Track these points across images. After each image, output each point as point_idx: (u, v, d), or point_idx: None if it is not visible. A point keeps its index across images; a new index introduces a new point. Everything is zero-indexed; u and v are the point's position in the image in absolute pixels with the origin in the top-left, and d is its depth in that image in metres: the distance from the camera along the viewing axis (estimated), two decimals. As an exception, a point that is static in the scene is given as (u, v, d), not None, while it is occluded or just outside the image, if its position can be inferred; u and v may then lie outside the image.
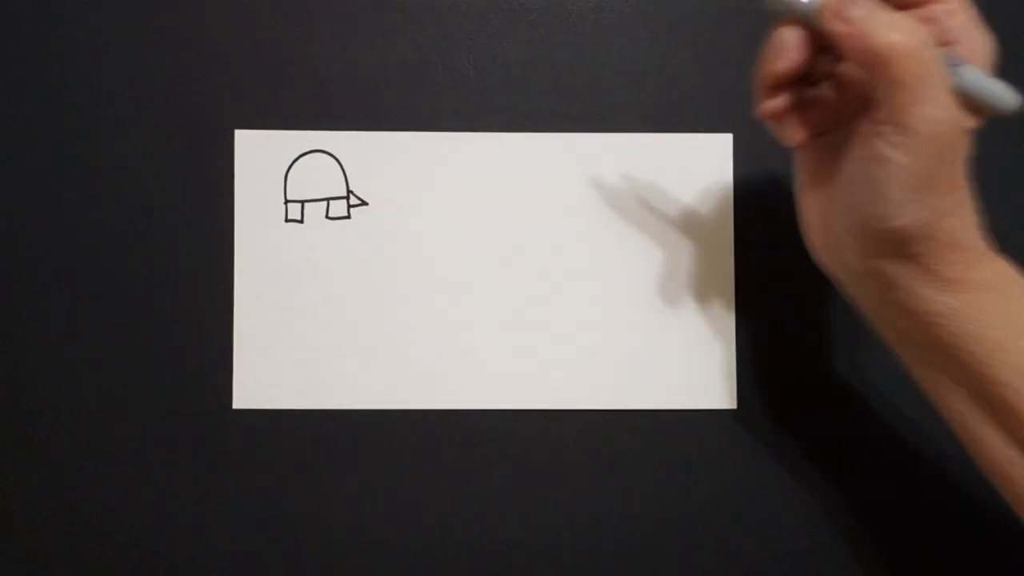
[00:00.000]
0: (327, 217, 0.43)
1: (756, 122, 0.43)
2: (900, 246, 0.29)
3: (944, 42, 0.28)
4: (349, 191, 0.43)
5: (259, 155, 0.43)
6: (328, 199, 0.43)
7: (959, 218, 0.29)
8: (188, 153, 0.43)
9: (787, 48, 0.30)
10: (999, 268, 0.30)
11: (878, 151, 0.28)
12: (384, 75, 0.43)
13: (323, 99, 0.43)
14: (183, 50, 0.43)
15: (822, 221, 0.32)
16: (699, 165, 0.43)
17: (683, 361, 0.42)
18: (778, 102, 0.31)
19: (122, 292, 0.43)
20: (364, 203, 0.43)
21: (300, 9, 0.43)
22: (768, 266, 0.43)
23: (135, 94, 0.43)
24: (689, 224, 0.43)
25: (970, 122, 0.29)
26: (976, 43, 0.29)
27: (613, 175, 0.43)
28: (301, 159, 0.43)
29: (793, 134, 0.32)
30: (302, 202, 0.43)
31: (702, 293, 0.43)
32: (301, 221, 0.43)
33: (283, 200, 0.43)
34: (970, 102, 0.28)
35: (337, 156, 0.43)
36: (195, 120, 0.43)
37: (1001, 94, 0.28)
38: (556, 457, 0.42)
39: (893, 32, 0.27)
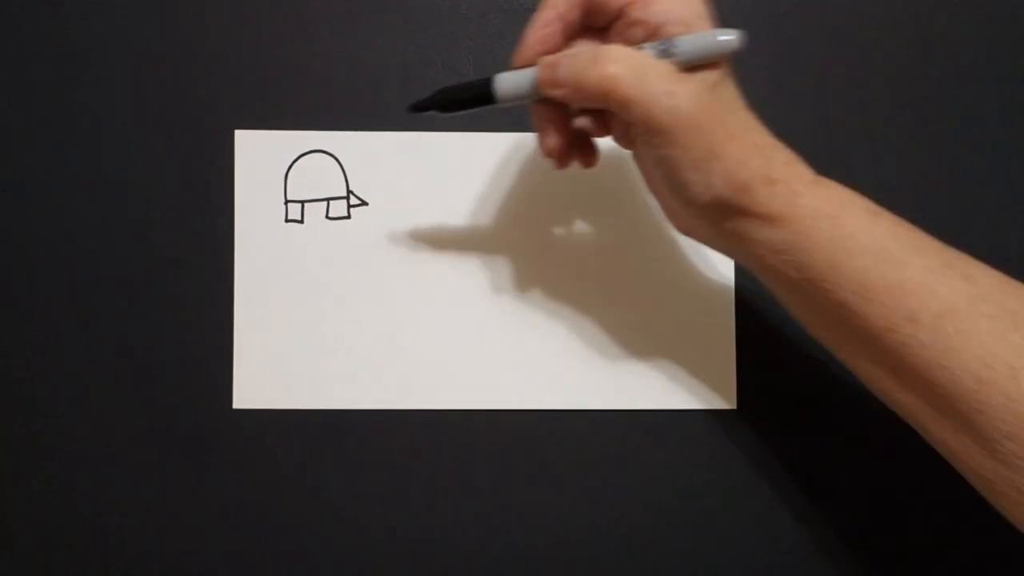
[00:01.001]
0: (327, 217, 0.43)
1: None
2: (726, 208, 0.31)
3: (653, 30, 0.30)
4: (349, 191, 0.43)
5: (259, 155, 0.43)
6: (328, 199, 0.43)
7: (762, 158, 0.30)
8: (188, 153, 0.43)
9: (544, 126, 0.34)
10: (829, 194, 0.31)
11: (653, 154, 0.31)
12: (384, 75, 0.43)
13: (323, 99, 0.43)
14: (183, 50, 0.43)
15: (668, 207, 0.35)
16: (699, 165, 0.43)
17: (683, 361, 0.42)
18: (561, 146, 0.34)
19: (122, 292, 0.43)
20: (364, 203, 0.43)
21: (300, 9, 0.43)
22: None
23: (135, 94, 0.43)
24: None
25: (712, 78, 0.30)
26: (679, 11, 0.30)
27: (613, 175, 0.43)
28: (301, 159, 0.43)
29: (588, 162, 0.36)
30: (302, 202, 0.43)
31: (702, 293, 0.43)
32: (301, 221, 0.43)
33: (283, 200, 0.43)
34: (701, 61, 0.30)
35: (337, 156, 0.43)
36: (195, 120, 0.43)
37: (719, 42, 0.29)
38: (556, 457, 0.42)
39: (597, 70, 0.30)
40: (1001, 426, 0.28)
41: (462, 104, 0.34)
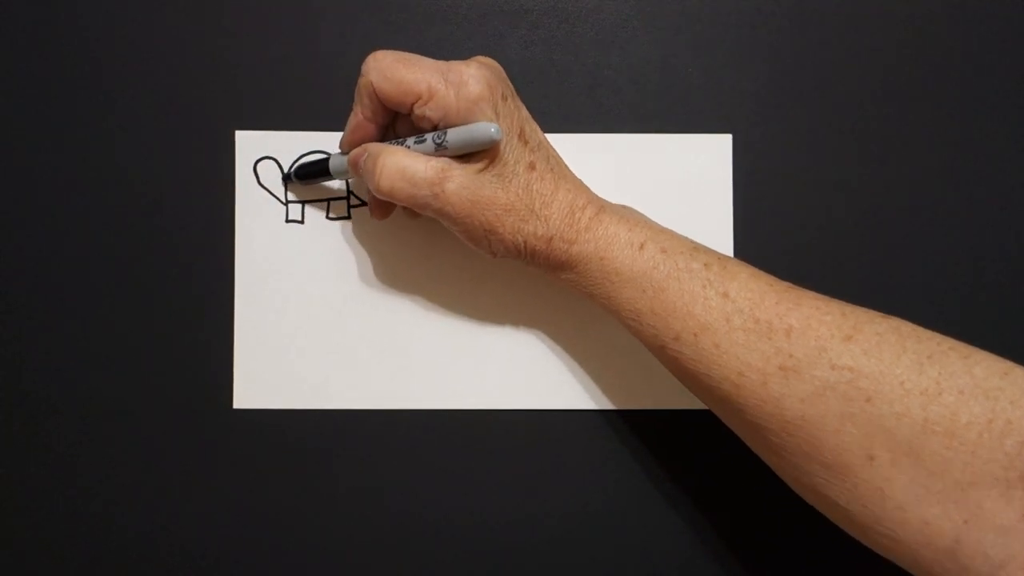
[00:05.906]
0: (327, 217, 0.43)
1: (756, 122, 0.43)
2: (515, 260, 0.37)
3: (436, 123, 0.34)
4: (349, 191, 0.43)
5: (259, 155, 0.43)
6: (328, 199, 0.43)
7: (537, 220, 0.35)
8: (188, 153, 0.43)
9: (368, 195, 0.42)
10: (598, 236, 0.35)
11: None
12: (384, 75, 0.43)
13: (323, 99, 0.43)
14: (183, 50, 0.43)
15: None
16: (699, 165, 0.43)
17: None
18: (382, 211, 0.40)
19: (123, 292, 0.43)
20: (364, 203, 0.43)
21: (300, 9, 0.43)
22: (768, 266, 0.43)
23: (136, 95, 0.43)
24: (689, 224, 0.43)
25: (480, 163, 0.34)
26: (455, 106, 0.34)
27: (613, 175, 0.43)
28: (301, 159, 0.43)
29: (413, 215, 0.41)
30: (302, 202, 0.43)
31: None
32: (301, 221, 0.43)
33: (283, 200, 0.43)
34: (471, 150, 0.34)
35: (337, 156, 0.43)
36: (195, 120, 0.43)
37: (481, 134, 0.33)
38: (556, 457, 0.42)
39: (375, 182, 0.35)
40: (760, 423, 0.33)
41: (312, 176, 0.41)
